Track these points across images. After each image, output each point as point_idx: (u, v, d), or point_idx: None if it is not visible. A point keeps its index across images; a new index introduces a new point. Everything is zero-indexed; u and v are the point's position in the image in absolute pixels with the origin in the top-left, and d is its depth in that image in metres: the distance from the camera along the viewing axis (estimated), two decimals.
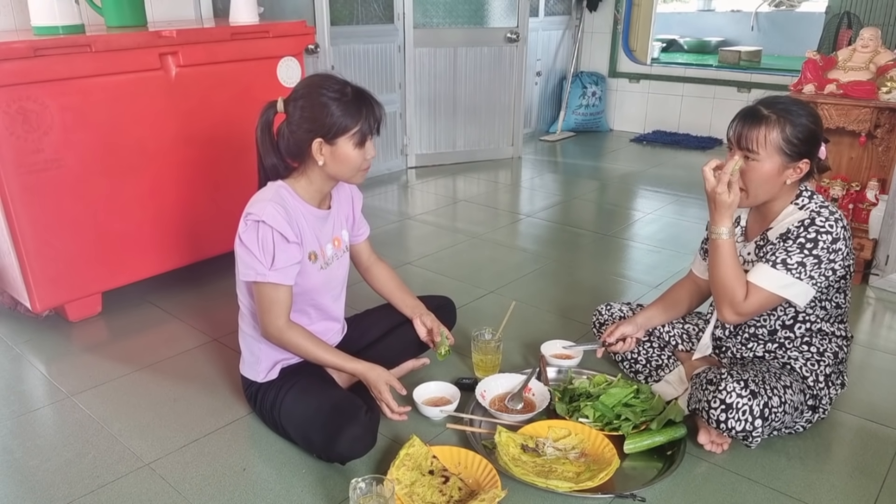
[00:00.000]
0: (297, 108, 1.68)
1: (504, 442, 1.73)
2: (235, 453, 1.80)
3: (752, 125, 1.66)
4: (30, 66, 2.14)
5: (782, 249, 1.66)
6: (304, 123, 1.66)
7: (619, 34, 5.72)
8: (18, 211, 2.23)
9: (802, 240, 1.64)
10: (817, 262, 1.64)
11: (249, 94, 2.78)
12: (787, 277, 1.64)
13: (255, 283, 1.71)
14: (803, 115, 1.66)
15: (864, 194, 2.93)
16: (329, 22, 3.86)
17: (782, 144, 1.64)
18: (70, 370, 2.21)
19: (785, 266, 1.64)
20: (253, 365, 1.85)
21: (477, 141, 4.92)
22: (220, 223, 2.80)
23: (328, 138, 1.66)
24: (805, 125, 1.65)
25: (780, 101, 1.69)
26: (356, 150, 1.69)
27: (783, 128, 1.64)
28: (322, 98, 1.64)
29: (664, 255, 3.17)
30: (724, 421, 1.62)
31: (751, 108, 1.71)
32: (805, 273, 1.64)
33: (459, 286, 2.82)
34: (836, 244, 1.64)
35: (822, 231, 1.64)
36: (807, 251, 1.64)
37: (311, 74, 1.76)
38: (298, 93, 1.69)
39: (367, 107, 1.68)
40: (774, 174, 1.67)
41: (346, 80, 1.70)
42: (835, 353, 1.82)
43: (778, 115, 1.65)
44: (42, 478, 1.71)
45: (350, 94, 1.67)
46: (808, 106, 1.71)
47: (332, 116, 1.64)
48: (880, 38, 2.96)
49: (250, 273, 1.68)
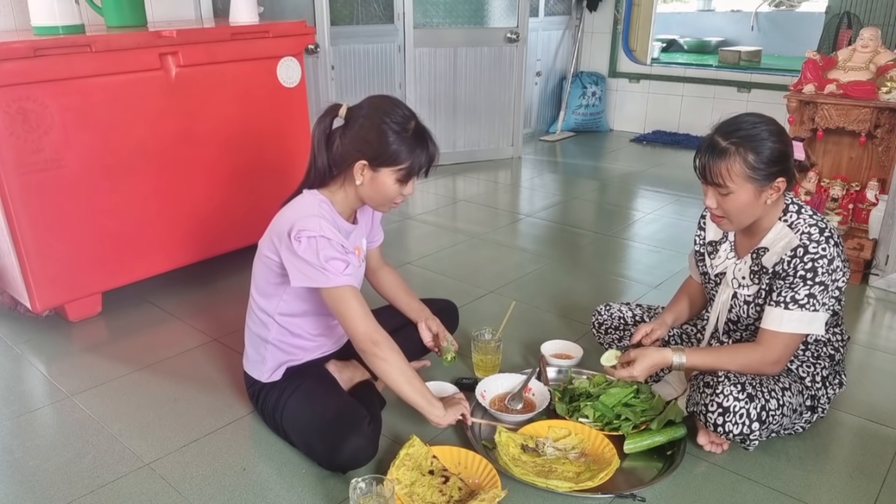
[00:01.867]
0: (356, 123, 1.65)
1: (504, 442, 1.73)
2: (235, 453, 1.80)
3: (713, 160, 1.60)
4: (30, 66, 2.14)
5: (787, 288, 1.64)
6: (357, 141, 1.65)
7: (619, 34, 5.72)
8: (18, 211, 2.23)
9: (802, 272, 1.62)
10: (824, 288, 1.62)
11: (249, 94, 2.79)
12: (803, 314, 1.63)
13: (328, 292, 1.65)
14: (765, 136, 1.58)
15: (864, 194, 2.93)
16: (329, 22, 3.85)
17: (749, 173, 1.58)
18: (70, 370, 2.21)
19: (797, 304, 1.63)
20: (258, 364, 1.85)
21: (477, 141, 4.92)
22: (221, 223, 2.81)
23: (374, 164, 1.65)
24: (770, 147, 1.58)
25: (740, 125, 1.61)
26: (396, 184, 1.68)
27: (745, 157, 1.57)
28: (383, 125, 1.62)
29: (664, 255, 3.17)
30: (721, 424, 1.62)
31: (710, 139, 1.63)
32: (818, 303, 1.63)
33: (459, 286, 2.82)
34: (833, 264, 1.63)
35: (817, 258, 1.61)
36: (811, 282, 1.62)
37: (382, 95, 1.71)
38: (363, 109, 1.67)
39: (422, 146, 1.66)
40: (752, 200, 1.62)
41: (414, 112, 1.69)
42: (831, 356, 1.82)
43: (737, 144, 1.57)
44: (42, 478, 1.71)
45: (411, 129, 1.65)
46: (770, 121, 1.62)
47: (386, 146, 1.62)
48: (880, 38, 2.96)
49: (322, 280, 1.62)
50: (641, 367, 1.74)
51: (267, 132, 2.88)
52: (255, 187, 2.87)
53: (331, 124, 1.71)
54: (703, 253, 1.92)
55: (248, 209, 2.84)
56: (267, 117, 2.87)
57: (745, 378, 1.65)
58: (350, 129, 1.66)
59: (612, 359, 1.84)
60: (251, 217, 2.75)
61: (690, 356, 1.73)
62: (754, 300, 1.75)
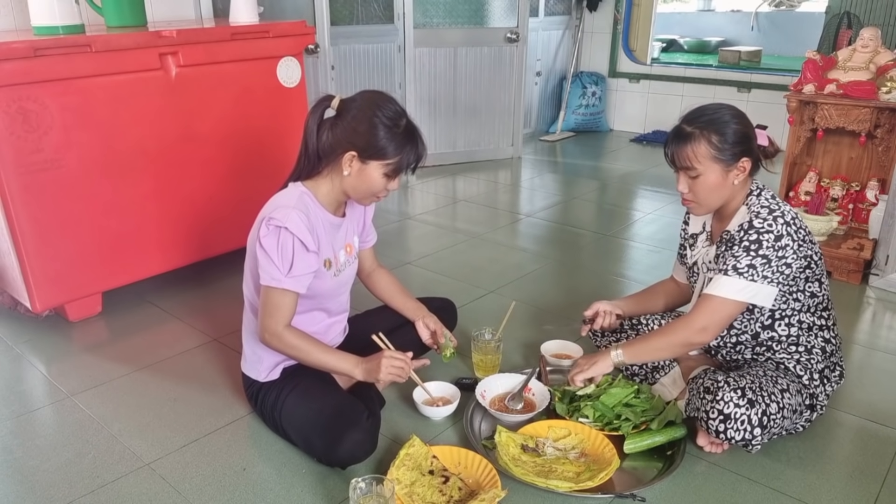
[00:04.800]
0: (348, 115, 1.67)
1: (504, 442, 1.73)
2: (235, 453, 1.80)
3: (680, 145, 1.71)
4: (30, 66, 2.14)
5: (730, 256, 1.69)
6: (347, 132, 1.67)
7: (619, 34, 5.72)
8: (18, 211, 2.23)
9: (746, 243, 1.67)
10: (766, 261, 1.65)
11: (249, 94, 2.79)
12: (740, 281, 1.66)
13: (266, 287, 1.69)
14: (727, 119, 1.69)
15: (864, 194, 2.93)
16: (329, 22, 3.85)
17: (714, 153, 1.68)
18: (70, 370, 2.21)
19: (736, 271, 1.66)
20: (255, 364, 1.85)
21: (477, 141, 4.92)
22: (221, 223, 2.81)
23: (363, 156, 1.67)
24: (732, 129, 1.68)
25: (703, 112, 1.72)
26: (384, 178, 1.70)
27: (709, 138, 1.67)
28: (375, 118, 1.65)
29: (664, 255, 3.17)
30: (723, 431, 1.63)
31: (676, 127, 1.74)
32: (758, 274, 1.65)
33: (459, 286, 2.82)
34: (781, 241, 1.65)
35: (762, 231, 1.66)
36: (753, 253, 1.66)
37: (374, 91, 1.74)
38: (356, 102, 1.69)
39: (412, 144, 1.69)
40: (720, 181, 1.71)
41: (405, 110, 1.71)
42: (822, 349, 1.82)
43: (701, 128, 1.69)
44: (42, 478, 1.71)
45: (402, 126, 1.68)
46: (730, 107, 1.73)
47: (377, 139, 1.65)
48: (880, 38, 2.96)
49: (265, 277, 1.67)
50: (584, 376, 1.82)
51: (267, 132, 2.88)
52: (255, 187, 2.86)
53: (322, 115, 1.72)
54: (686, 246, 1.99)
55: (247, 209, 2.80)
56: (267, 117, 2.87)
57: (744, 382, 1.65)
58: (342, 120, 1.68)
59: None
60: (251, 217, 2.69)
61: (626, 350, 1.78)
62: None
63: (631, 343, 1.80)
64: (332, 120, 1.71)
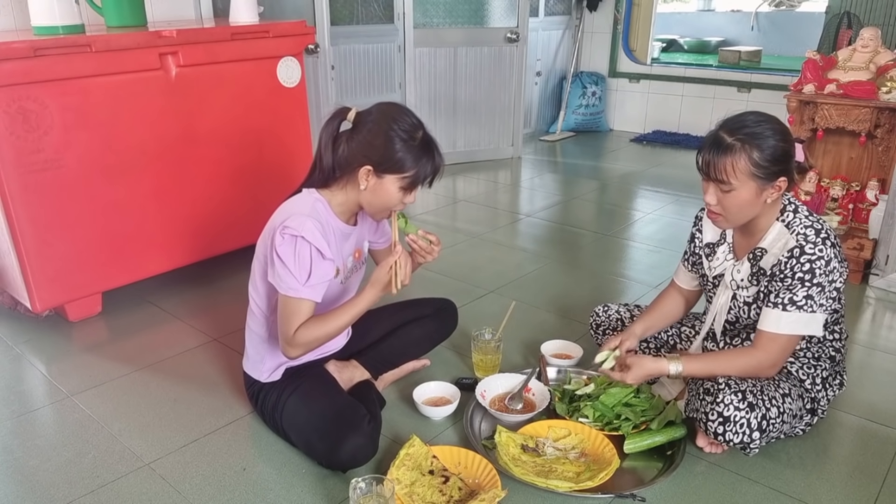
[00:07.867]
0: (364, 128, 1.65)
1: (504, 442, 1.73)
2: (235, 453, 1.80)
3: (718, 156, 1.59)
4: (30, 66, 2.14)
5: (785, 289, 1.64)
6: (363, 146, 1.65)
7: (619, 34, 5.72)
8: (18, 211, 2.23)
9: (800, 274, 1.62)
10: (821, 289, 1.62)
11: (249, 94, 2.79)
12: (801, 315, 1.62)
13: (284, 296, 1.67)
14: (770, 134, 1.59)
15: (864, 194, 2.93)
16: (329, 22, 3.85)
17: (753, 170, 1.58)
18: (70, 370, 2.21)
19: (795, 305, 1.62)
20: (257, 364, 1.85)
21: (477, 141, 4.92)
22: (221, 222, 2.81)
23: (379, 170, 1.65)
24: (773, 145, 1.58)
25: (744, 122, 1.61)
26: (400, 192, 1.68)
27: (750, 154, 1.57)
28: (391, 132, 1.63)
29: (664, 255, 3.17)
30: (721, 433, 1.62)
31: (714, 135, 1.63)
32: (816, 304, 1.62)
33: (459, 286, 2.82)
34: (830, 265, 1.63)
35: (814, 259, 1.61)
36: (808, 283, 1.61)
37: (391, 103, 1.72)
38: (371, 115, 1.67)
39: (428, 156, 1.67)
40: (753, 198, 1.62)
41: (421, 121, 1.69)
42: (831, 357, 1.81)
43: (743, 141, 1.58)
44: (42, 478, 1.71)
45: (419, 138, 1.65)
46: (774, 120, 1.63)
47: (392, 152, 1.63)
48: (880, 38, 2.96)
49: (282, 286, 1.65)
50: (635, 376, 1.76)
51: (267, 132, 2.88)
52: (255, 187, 2.87)
53: (338, 127, 1.70)
54: (701, 255, 1.91)
55: (247, 209, 2.84)
56: (267, 117, 2.87)
57: (745, 385, 1.64)
58: (358, 133, 1.66)
59: (608, 359, 1.84)
60: (251, 217, 2.74)
61: (687, 364, 1.72)
62: (754, 301, 1.75)
63: (692, 358, 1.74)
64: (348, 133, 1.69)
